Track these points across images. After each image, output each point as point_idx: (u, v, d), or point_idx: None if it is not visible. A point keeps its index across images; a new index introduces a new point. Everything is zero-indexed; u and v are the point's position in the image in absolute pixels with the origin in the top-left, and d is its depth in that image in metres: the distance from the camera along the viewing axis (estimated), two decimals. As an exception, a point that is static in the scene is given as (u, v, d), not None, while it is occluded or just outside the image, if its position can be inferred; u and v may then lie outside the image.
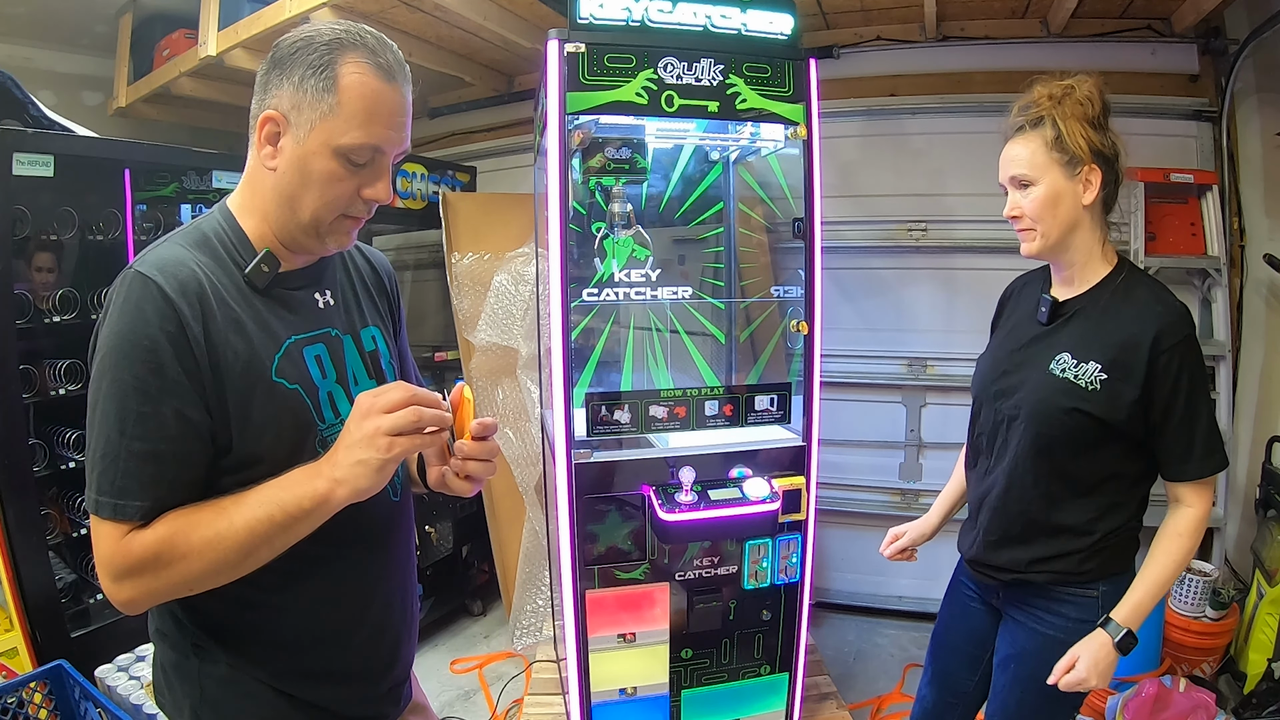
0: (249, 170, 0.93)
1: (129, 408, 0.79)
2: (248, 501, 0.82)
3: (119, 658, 1.82)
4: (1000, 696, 1.41)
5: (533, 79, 3.13)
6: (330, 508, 0.83)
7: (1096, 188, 1.24)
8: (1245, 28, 2.54)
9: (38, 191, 1.90)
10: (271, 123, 0.87)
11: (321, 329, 0.97)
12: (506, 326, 2.78)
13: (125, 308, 0.81)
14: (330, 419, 0.94)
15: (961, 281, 2.94)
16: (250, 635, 0.93)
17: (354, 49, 0.86)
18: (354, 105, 0.85)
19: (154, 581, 0.81)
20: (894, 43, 2.95)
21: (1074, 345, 1.26)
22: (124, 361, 0.80)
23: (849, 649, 2.93)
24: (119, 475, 0.80)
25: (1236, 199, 2.72)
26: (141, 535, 0.80)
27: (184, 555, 0.80)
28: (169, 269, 0.84)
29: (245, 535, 0.80)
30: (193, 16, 2.80)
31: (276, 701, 0.95)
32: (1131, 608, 1.23)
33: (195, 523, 0.81)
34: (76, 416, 2.06)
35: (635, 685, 1.74)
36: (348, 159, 0.87)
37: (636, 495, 1.66)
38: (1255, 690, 2.31)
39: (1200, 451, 1.20)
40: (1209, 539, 2.65)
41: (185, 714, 0.94)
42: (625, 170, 1.70)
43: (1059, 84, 1.27)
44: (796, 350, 1.81)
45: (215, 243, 0.91)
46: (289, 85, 0.86)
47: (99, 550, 0.81)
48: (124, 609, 0.83)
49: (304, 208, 0.89)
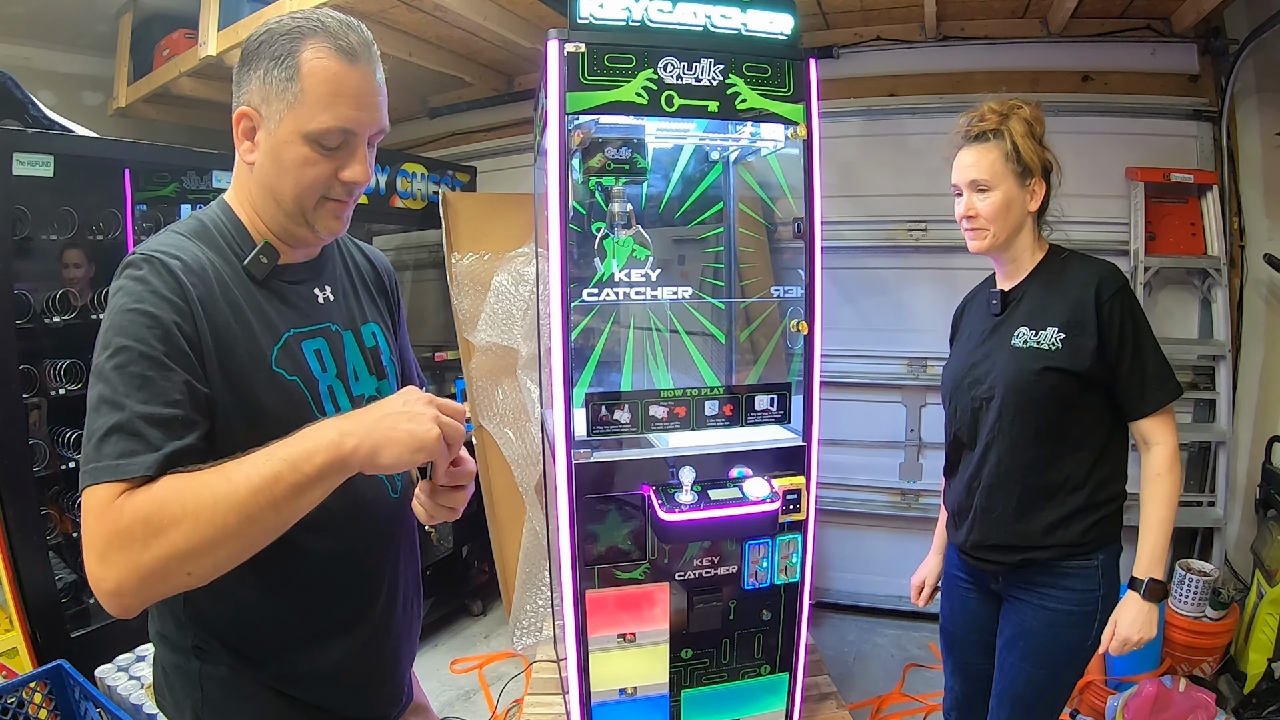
0: (236, 166, 0.95)
1: (134, 373, 0.76)
2: (251, 459, 0.74)
3: (119, 658, 1.82)
4: (1009, 674, 1.45)
5: (533, 79, 3.13)
6: (344, 466, 0.76)
7: (1040, 197, 1.42)
8: (1245, 28, 2.54)
9: (38, 191, 1.90)
10: (245, 119, 0.88)
11: (321, 324, 0.97)
12: (506, 326, 2.78)
13: (129, 285, 0.81)
14: (330, 412, 0.94)
15: (961, 281, 2.90)
16: (251, 636, 0.92)
17: (313, 35, 0.85)
18: (318, 91, 0.85)
19: (143, 553, 0.69)
20: (894, 43, 2.95)
21: (1029, 319, 1.40)
22: (130, 330, 0.78)
23: (849, 649, 2.93)
24: (124, 438, 0.74)
25: (1236, 199, 2.72)
26: (133, 496, 0.72)
27: (177, 519, 0.70)
28: (171, 249, 0.84)
29: (247, 496, 0.71)
30: (193, 16, 2.80)
31: (277, 703, 0.94)
32: (1146, 556, 1.35)
33: (191, 484, 0.72)
34: (76, 417, 2.06)
35: (635, 685, 1.74)
36: (318, 143, 0.87)
37: (636, 495, 1.66)
38: (1255, 690, 2.31)
39: (1153, 384, 1.33)
40: (1209, 539, 2.66)
41: (186, 715, 0.93)
42: (625, 170, 1.70)
43: (1006, 102, 1.45)
44: (796, 350, 1.81)
45: (215, 233, 0.91)
46: (256, 80, 0.87)
47: (87, 525, 0.72)
48: (114, 604, 0.72)
49: (284, 195, 0.90)
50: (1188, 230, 2.68)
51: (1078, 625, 1.37)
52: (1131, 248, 2.63)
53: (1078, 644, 1.38)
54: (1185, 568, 2.47)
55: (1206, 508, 2.68)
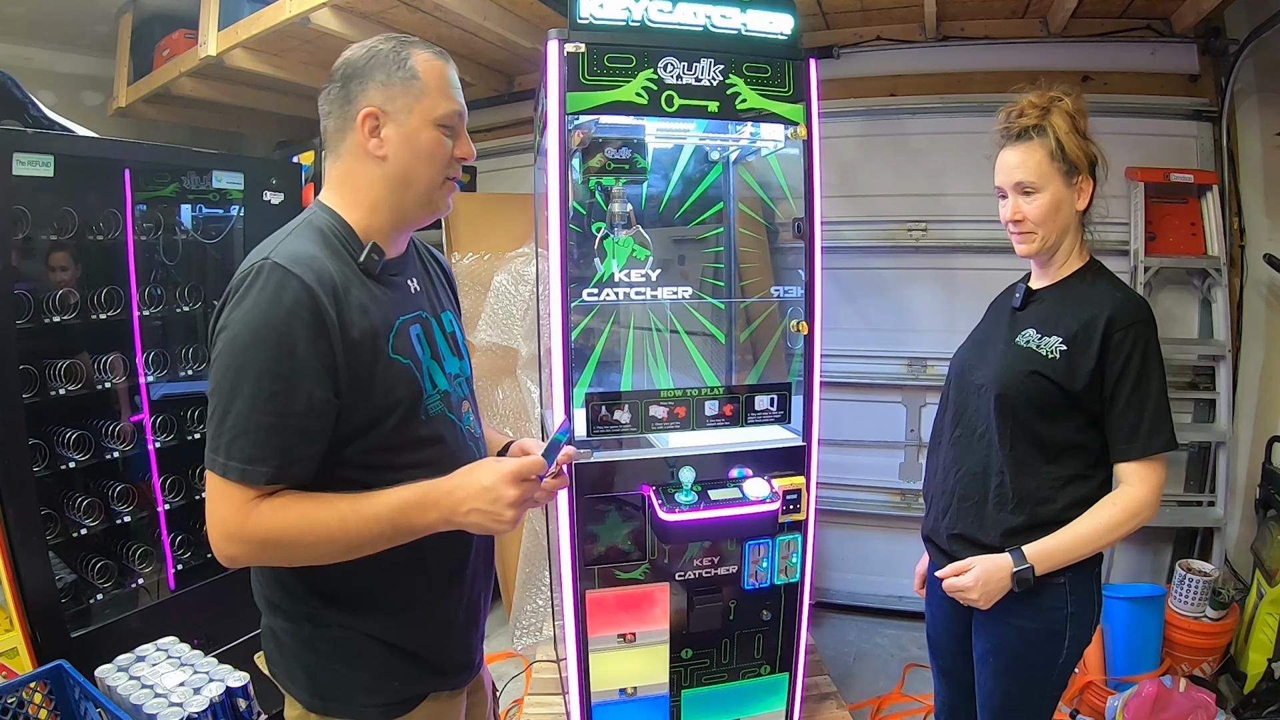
0: (343, 174, 1.05)
1: (262, 387, 0.89)
2: (363, 515, 0.93)
3: (119, 658, 1.81)
4: (985, 690, 1.44)
5: (533, 79, 3.12)
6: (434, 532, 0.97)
7: (1088, 195, 1.34)
8: (1245, 28, 2.54)
9: (38, 191, 1.90)
10: (372, 117, 1.01)
11: (417, 310, 1.10)
12: (506, 326, 2.79)
13: (262, 296, 0.90)
14: (430, 390, 1.06)
15: (961, 281, 2.93)
16: (358, 599, 1.02)
17: (413, 45, 1.04)
18: (436, 84, 1.03)
19: (260, 555, 0.93)
20: (894, 43, 2.94)
21: (1039, 323, 1.36)
22: (260, 344, 0.89)
23: (849, 649, 2.93)
24: (249, 445, 0.88)
25: (1236, 199, 2.72)
26: (260, 515, 0.89)
27: (293, 543, 0.91)
28: (303, 261, 0.93)
29: (355, 542, 0.93)
30: (193, 16, 2.80)
31: (387, 653, 1.04)
32: (1041, 548, 1.29)
33: (309, 518, 0.91)
34: (76, 417, 2.06)
35: (635, 685, 1.74)
36: (444, 126, 1.04)
37: (636, 495, 1.66)
38: (1255, 690, 2.31)
39: (1145, 430, 1.26)
40: (1209, 539, 2.66)
41: (300, 677, 1.04)
42: (625, 170, 1.70)
43: (1045, 94, 1.35)
44: (796, 350, 1.81)
45: (331, 237, 1.02)
46: (375, 85, 1.01)
47: (217, 510, 0.90)
48: (224, 563, 0.92)
49: (419, 179, 1.04)
50: (1188, 230, 2.68)
51: (1046, 643, 1.34)
52: (1131, 248, 2.63)
53: (1047, 662, 1.34)
54: (1185, 568, 2.47)
55: (1206, 508, 2.67)
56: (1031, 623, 1.34)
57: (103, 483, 2.15)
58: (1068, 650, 1.33)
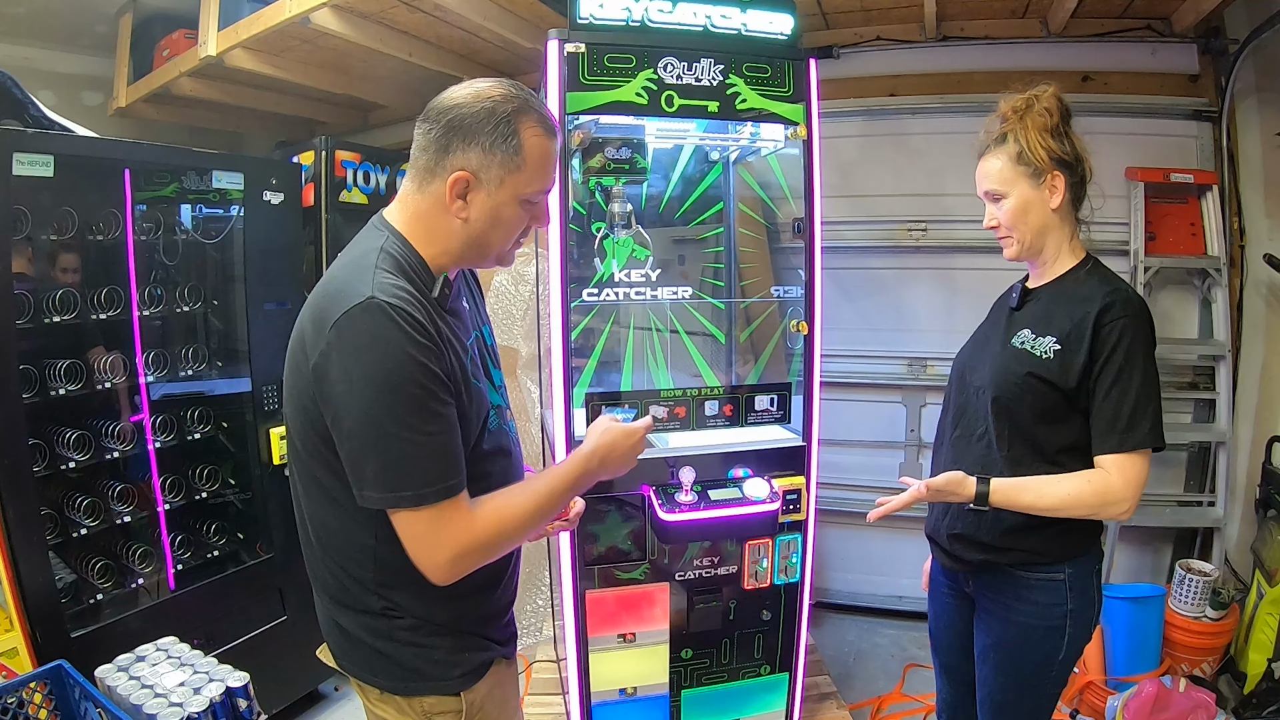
0: (423, 212, 1.06)
1: (425, 411, 0.95)
2: (552, 491, 1.07)
3: (119, 658, 1.81)
4: (986, 686, 1.45)
5: (533, 79, 3.12)
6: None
7: (1061, 192, 1.34)
8: (1245, 28, 2.54)
9: (38, 191, 1.90)
10: (462, 181, 1.02)
11: (473, 331, 1.17)
12: (506, 326, 2.79)
13: (384, 333, 0.93)
14: (487, 405, 1.12)
15: (961, 281, 2.93)
16: (426, 593, 1.06)
17: (528, 113, 1.03)
18: (536, 163, 1.04)
19: (486, 557, 1.00)
20: (894, 43, 2.94)
21: (1034, 323, 1.36)
22: (406, 376, 0.93)
23: (849, 649, 2.93)
24: (435, 465, 0.95)
25: (1236, 199, 2.72)
26: (482, 518, 0.98)
27: (513, 536, 1.03)
28: (401, 296, 0.97)
29: (544, 519, 1.07)
30: (193, 16, 2.80)
31: (451, 638, 1.12)
32: (1002, 485, 1.31)
33: (515, 510, 1.02)
34: (76, 417, 2.06)
35: (635, 685, 1.74)
36: (529, 203, 1.07)
37: (636, 495, 1.66)
38: (1255, 690, 2.31)
39: (1122, 425, 1.25)
40: (1209, 539, 2.66)
41: (378, 665, 1.10)
42: (625, 170, 1.70)
43: (1022, 97, 1.37)
44: (796, 350, 1.81)
45: (409, 268, 1.04)
46: (477, 149, 1.01)
47: (441, 536, 0.96)
48: (447, 582, 0.99)
49: (492, 245, 1.09)
50: (1188, 230, 2.68)
51: (1045, 639, 1.34)
52: (1131, 248, 2.63)
53: (1047, 658, 1.35)
54: (1185, 568, 2.47)
55: (1206, 508, 2.67)
56: (1030, 618, 1.35)
57: (103, 483, 2.15)
58: (1067, 646, 1.34)
